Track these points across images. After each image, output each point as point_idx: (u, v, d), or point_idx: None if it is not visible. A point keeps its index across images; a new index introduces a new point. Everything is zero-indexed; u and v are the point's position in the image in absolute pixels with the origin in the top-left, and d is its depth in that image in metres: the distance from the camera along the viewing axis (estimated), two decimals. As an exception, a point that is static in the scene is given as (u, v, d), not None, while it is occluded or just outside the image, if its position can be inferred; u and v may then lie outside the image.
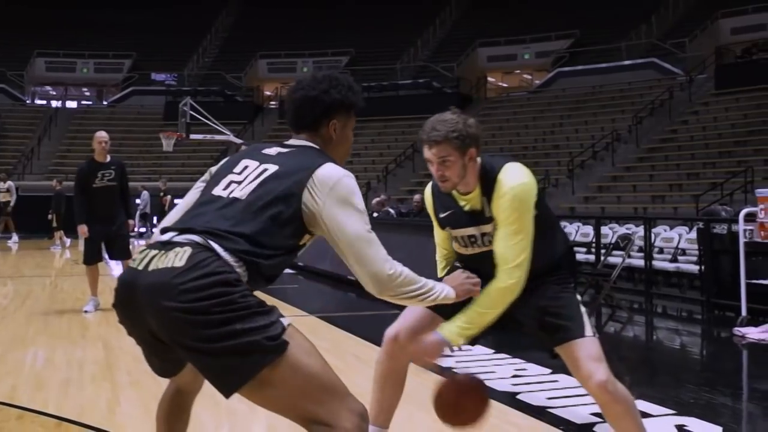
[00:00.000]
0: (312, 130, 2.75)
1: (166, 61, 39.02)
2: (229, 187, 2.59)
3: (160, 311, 2.31)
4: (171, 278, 2.31)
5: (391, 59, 36.22)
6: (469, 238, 3.33)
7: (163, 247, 2.42)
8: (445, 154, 3.15)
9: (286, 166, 2.59)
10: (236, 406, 4.88)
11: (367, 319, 8.77)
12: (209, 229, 2.44)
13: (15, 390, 5.17)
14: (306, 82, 2.77)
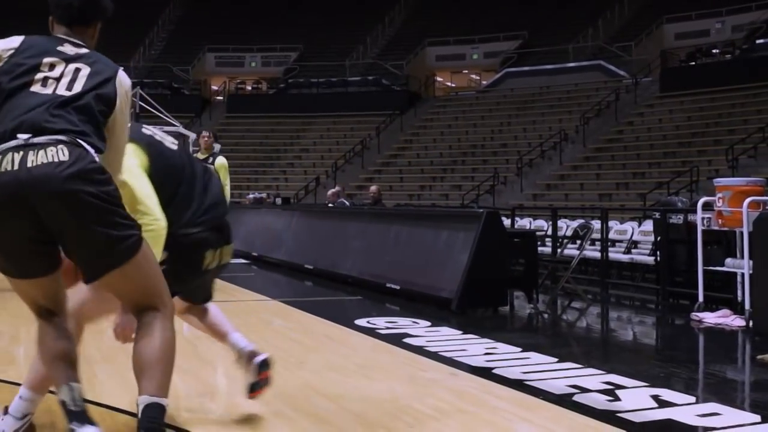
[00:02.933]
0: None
1: (112, 51, 38.30)
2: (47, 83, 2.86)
3: (69, 194, 2.65)
4: (66, 168, 2.65)
5: (340, 56, 36.23)
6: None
7: (24, 149, 2.67)
8: None
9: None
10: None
11: (327, 304, 8.83)
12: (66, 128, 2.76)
13: None
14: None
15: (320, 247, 11.40)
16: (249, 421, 3.90)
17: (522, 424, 3.97)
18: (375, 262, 9.73)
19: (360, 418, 3.96)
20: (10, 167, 2.65)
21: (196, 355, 5.42)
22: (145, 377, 2.86)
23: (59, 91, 2.84)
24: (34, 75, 2.87)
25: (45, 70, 2.88)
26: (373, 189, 14.07)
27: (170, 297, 3.03)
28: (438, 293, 8.12)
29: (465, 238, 8.10)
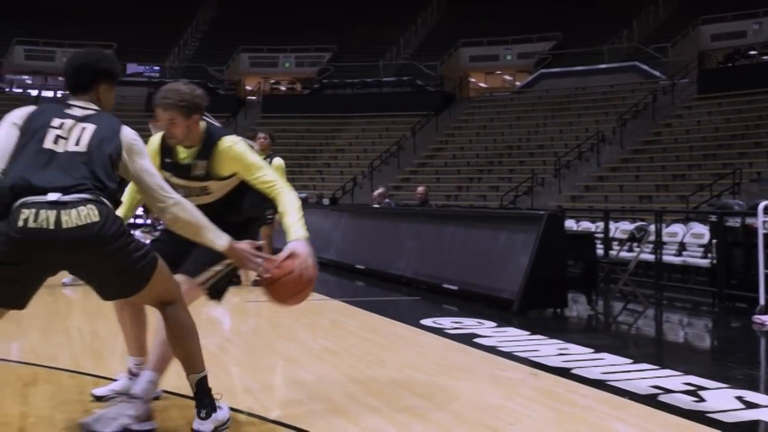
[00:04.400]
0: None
1: (147, 52, 38.81)
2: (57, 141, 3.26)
3: (97, 255, 3.15)
4: (98, 230, 3.11)
5: (373, 56, 36.31)
6: (176, 186, 3.86)
7: (56, 206, 3.08)
8: (173, 117, 3.85)
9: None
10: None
11: (387, 304, 8.92)
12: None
13: (77, 359, 5.25)
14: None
15: (372, 247, 11.51)
16: (346, 415, 4.01)
17: (616, 422, 4.05)
18: (430, 262, 9.82)
19: (457, 416, 4.06)
20: (46, 225, 3.07)
21: (276, 352, 5.55)
22: (187, 361, 3.53)
23: (70, 148, 3.24)
24: (46, 133, 3.26)
25: (57, 129, 3.28)
26: (421, 190, 14.16)
27: (179, 288, 3.60)
28: (498, 294, 8.20)
29: (525, 240, 8.17)
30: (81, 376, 4.75)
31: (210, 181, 4.00)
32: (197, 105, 3.90)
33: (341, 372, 5.04)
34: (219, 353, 5.43)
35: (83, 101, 3.46)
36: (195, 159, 3.98)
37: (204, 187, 4.02)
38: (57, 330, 6.34)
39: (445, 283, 9.16)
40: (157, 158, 4.01)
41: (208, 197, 4.05)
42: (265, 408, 4.15)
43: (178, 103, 3.85)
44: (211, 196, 4.05)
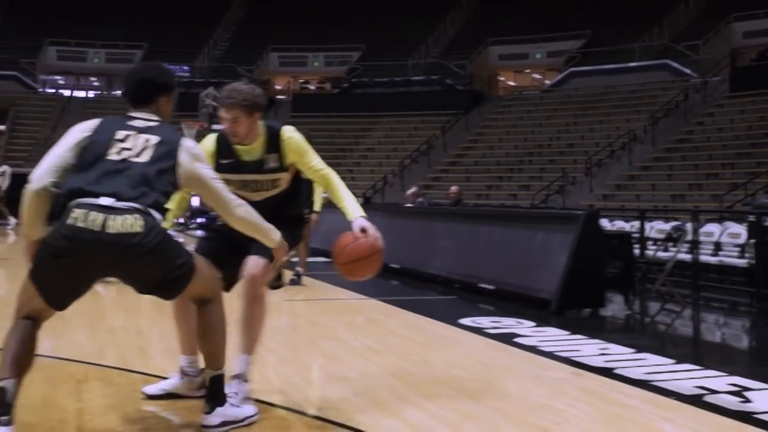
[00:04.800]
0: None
1: (176, 52, 39.09)
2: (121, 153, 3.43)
3: (138, 263, 3.32)
4: (138, 241, 3.26)
5: (402, 55, 36.31)
6: (241, 183, 4.19)
7: (106, 211, 3.25)
8: (237, 115, 4.04)
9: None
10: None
11: (424, 303, 8.95)
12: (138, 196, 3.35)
13: (125, 357, 5.33)
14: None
15: (406, 246, 11.53)
16: (395, 413, 4.05)
17: (664, 423, 4.07)
18: (465, 261, 9.84)
19: (505, 415, 4.09)
20: (92, 226, 3.25)
21: (318, 349, 5.60)
22: (212, 356, 3.66)
23: (131, 159, 3.41)
24: (110, 145, 3.43)
25: (121, 140, 3.46)
26: (454, 189, 14.17)
27: (218, 289, 3.76)
28: (536, 294, 8.22)
29: (563, 239, 8.18)
30: (129, 373, 4.84)
31: (282, 172, 4.22)
32: (258, 104, 4.09)
33: (385, 370, 5.09)
34: (263, 351, 5.48)
35: (144, 113, 3.62)
36: (266, 153, 4.17)
37: (275, 180, 4.23)
38: (101, 328, 6.44)
39: (481, 283, 9.18)
40: (213, 161, 4.15)
41: (276, 190, 4.26)
42: (313, 405, 4.21)
43: (241, 103, 4.03)
44: (278, 189, 4.26)
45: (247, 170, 4.20)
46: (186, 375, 4.22)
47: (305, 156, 4.20)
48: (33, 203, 3.42)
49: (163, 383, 4.31)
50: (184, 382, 4.23)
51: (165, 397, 4.21)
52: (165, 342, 5.90)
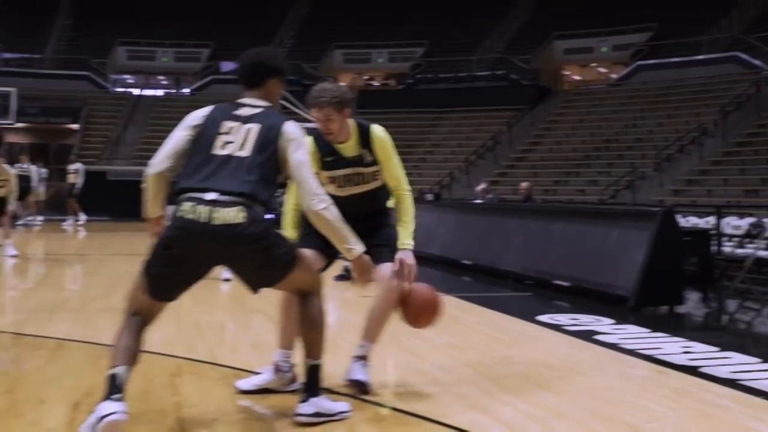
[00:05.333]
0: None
1: (242, 51, 39.38)
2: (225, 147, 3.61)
3: (240, 251, 3.51)
4: (242, 231, 3.45)
5: (466, 51, 36.21)
6: (346, 177, 4.42)
7: (212, 205, 3.45)
8: (328, 114, 4.22)
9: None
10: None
11: (500, 299, 8.96)
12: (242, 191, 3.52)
13: (213, 352, 5.47)
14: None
15: (478, 242, 11.57)
16: (484, 410, 4.10)
17: (756, 423, 4.05)
18: (539, 258, 9.83)
19: (593, 413, 4.11)
20: (198, 218, 3.46)
21: (402, 346, 5.67)
22: (310, 346, 3.80)
23: (234, 153, 3.60)
24: (215, 139, 3.63)
25: (225, 133, 3.64)
26: (525, 185, 14.15)
27: (320, 283, 3.91)
28: (612, 291, 8.18)
29: (639, 236, 8.13)
30: (219, 367, 4.95)
31: (377, 165, 4.42)
32: (347, 99, 4.29)
33: (470, 367, 5.14)
34: (348, 348, 5.57)
35: (253, 98, 3.82)
36: (361, 149, 4.38)
37: (375, 172, 4.43)
38: (189, 323, 6.59)
39: (556, 279, 9.16)
40: (317, 159, 4.36)
41: (376, 182, 4.47)
42: (403, 401, 4.27)
43: (331, 100, 4.22)
44: (378, 181, 4.47)
45: (350, 165, 4.40)
46: (279, 370, 4.33)
47: (390, 161, 4.39)
48: (152, 184, 3.76)
49: (255, 378, 4.41)
50: (277, 377, 4.34)
51: (257, 392, 4.32)
52: (250, 337, 6.07)
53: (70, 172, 21.74)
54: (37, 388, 4.37)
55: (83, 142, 31.95)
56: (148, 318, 3.74)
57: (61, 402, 4.08)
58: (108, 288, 8.77)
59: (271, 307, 7.31)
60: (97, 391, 4.23)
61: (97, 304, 7.63)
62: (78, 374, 4.73)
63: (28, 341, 5.67)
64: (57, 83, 34.57)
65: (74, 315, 6.91)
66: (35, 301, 7.71)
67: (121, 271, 10.64)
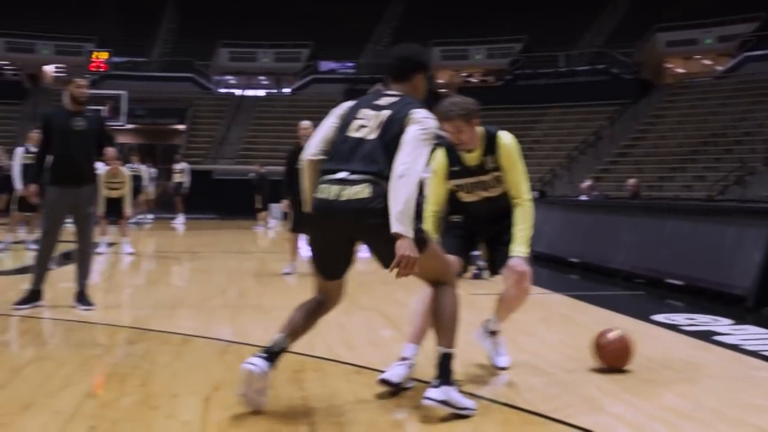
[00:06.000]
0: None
1: (341, 50, 39.95)
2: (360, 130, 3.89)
3: (364, 225, 3.77)
4: (365, 205, 3.72)
5: (565, 45, 35.77)
6: (472, 185, 4.67)
7: (342, 183, 3.77)
8: (459, 126, 4.45)
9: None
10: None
11: (611, 298, 8.83)
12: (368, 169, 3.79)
13: (332, 349, 5.57)
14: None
15: (586, 240, 11.44)
16: (608, 411, 4.08)
17: None
18: (650, 256, 9.67)
19: (719, 415, 4.04)
20: (329, 196, 3.80)
21: (518, 345, 5.67)
22: (440, 333, 3.92)
23: (367, 136, 3.86)
24: (353, 124, 3.93)
25: (361, 119, 3.92)
26: (632, 182, 13.93)
27: (453, 274, 4.13)
28: (729, 290, 7.99)
29: (758, 234, 7.91)
30: (340, 364, 5.05)
31: (499, 172, 4.62)
32: (473, 110, 4.53)
33: (587, 367, 5.10)
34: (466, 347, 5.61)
35: (396, 89, 4.07)
36: (484, 156, 4.62)
37: (497, 177, 4.64)
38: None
39: (668, 278, 9.00)
40: (446, 170, 4.72)
41: (500, 188, 4.68)
42: (525, 400, 4.29)
43: (460, 113, 4.48)
44: (502, 187, 4.67)
45: (474, 173, 4.65)
46: (409, 365, 4.42)
47: (513, 169, 4.59)
48: (308, 171, 4.10)
49: (397, 369, 4.41)
50: (408, 370, 4.42)
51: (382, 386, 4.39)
52: (366, 334, 6.15)
53: (176, 172, 22.42)
54: (169, 382, 4.55)
55: (189, 142, 32.83)
56: (325, 297, 4.14)
57: (193, 396, 4.24)
58: (223, 285, 9.01)
59: (385, 305, 7.46)
60: (225, 385, 4.42)
61: (215, 301, 7.86)
62: (205, 369, 4.90)
63: (154, 336, 5.89)
64: (163, 85, 35.63)
65: (194, 311, 7.14)
66: (155, 298, 7.99)
67: (233, 267, 10.93)
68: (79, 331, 6.13)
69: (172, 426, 3.76)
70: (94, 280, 8.22)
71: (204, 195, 24.83)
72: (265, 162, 21.79)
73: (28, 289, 7.07)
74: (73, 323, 6.39)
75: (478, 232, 4.86)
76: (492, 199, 4.71)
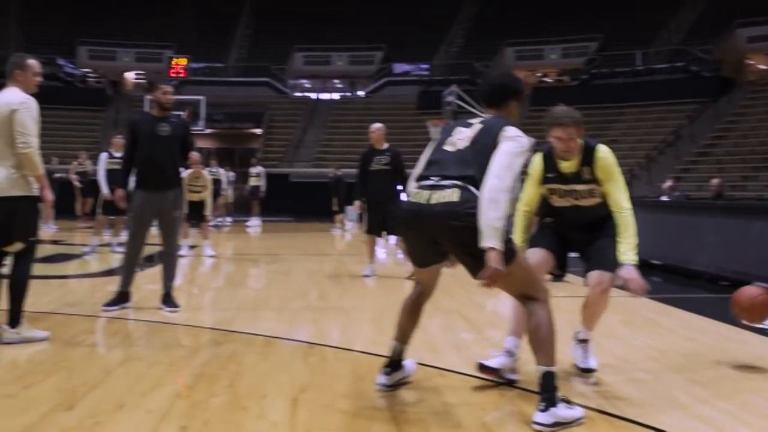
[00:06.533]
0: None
1: (414, 52, 40.00)
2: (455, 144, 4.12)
3: (450, 228, 3.89)
4: (452, 209, 3.86)
5: (642, 43, 35.15)
6: (565, 191, 4.81)
7: (432, 188, 3.97)
8: (571, 133, 4.59)
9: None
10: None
11: (696, 301, 8.67)
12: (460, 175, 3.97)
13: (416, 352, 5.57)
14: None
15: (668, 241, 11.23)
16: (700, 418, 4.00)
17: None
18: (737, 258, 9.44)
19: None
20: (421, 200, 4.01)
21: (603, 349, 5.60)
22: (539, 352, 3.90)
23: (458, 147, 4.08)
24: (449, 140, 4.16)
25: (454, 135, 4.16)
26: (715, 182, 13.64)
27: (544, 290, 4.08)
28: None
29: None
30: (425, 367, 5.03)
31: (594, 184, 4.72)
32: (580, 120, 4.70)
33: (677, 372, 5.02)
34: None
35: (492, 113, 4.28)
36: (581, 166, 4.72)
37: (591, 190, 4.75)
38: (385, 323, 6.75)
39: (757, 280, 8.75)
40: (541, 174, 4.86)
41: (593, 200, 4.78)
42: (614, 405, 4.23)
43: (574, 121, 4.64)
44: (595, 199, 4.77)
45: (568, 181, 4.78)
46: (511, 355, 4.69)
47: (611, 181, 4.68)
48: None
49: (498, 359, 4.65)
50: (510, 362, 4.67)
51: (466, 388, 4.39)
52: (449, 338, 6.13)
53: (252, 175, 22.73)
54: (257, 383, 4.62)
55: (266, 146, 33.25)
56: (423, 286, 4.46)
57: (281, 397, 4.29)
58: (303, 287, 9.10)
59: (465, 307, 7.44)
60: (311, 387, 4.47)
61: (296, 303, 7.94)
62: (290, 370, 4.95)
63: (238, 338, 5.98)
64: (240, 90, 36.17)
65: (276, 313, 7.22)
66: (238, 300, 8.11)
67: (313, 270, 11.03)
68: (165, 332, 6.26)
69: (262, 426, 3.82)
70: (178, 283, 8.39)
71: (281, 198, 25.11)
72: (341, 164, 21.93)
73: (116, 291, 7.25)
74: (160, 324, 6.54)
75: (569, 237, 4.97)
76: (580, 209, 4.83)
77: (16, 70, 5.72)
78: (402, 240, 4.42)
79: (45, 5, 38.93)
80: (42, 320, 6.36)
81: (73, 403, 4.10)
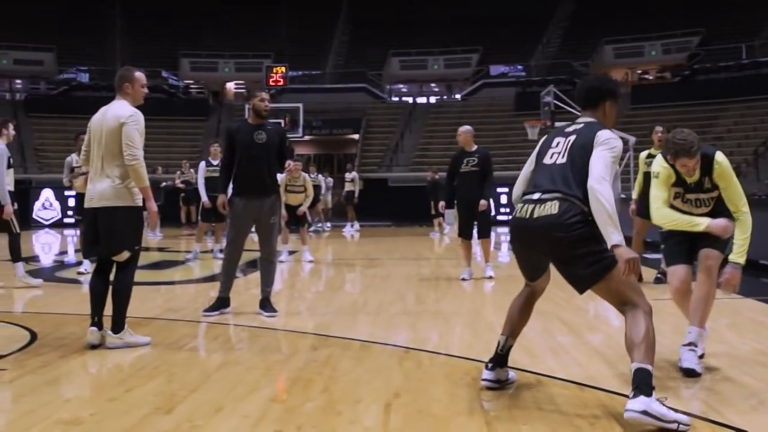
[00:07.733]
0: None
1: (511, 53, 39.69)
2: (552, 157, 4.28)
3: (552, 239, 4.07)
4: (553, 220, 4.03)
5: (746, 35, 34.01)
6: (689, 199, 5.03)
7: (535, 203, 4.14)
8: (697, 159, 4.83)
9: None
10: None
11: None
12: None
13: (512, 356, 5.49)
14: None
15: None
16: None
17: None
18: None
19: None
20: (525, 215, 4.19)
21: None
22: (633, 351, 3.89)
23: (556, 161, 4.23)
24: (548, 152, 4.32)
25: (553, 147, 4.31)
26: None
27: (644, 298, 4.07)
28: None
29: None
30: (521, 372, 4.94)
31: (715, 191, 4.95)
32: (699, 141, 4.86)
33: (786, 377, 4.81)
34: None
35: (586, 116, 4.39)
36: (702, 176, 4.93)
37: (712, 198, 4.99)
38: (482, 327, 6.71)
39: None
40: (669, 179, 5.03)
41: (705, 209, 5.00)
42: (718, 412, 4.08)
43: (698, 149, 4.80)
44: (709, 209, 5.00)
45: (691, 191, 5.01)
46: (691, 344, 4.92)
47: (729, 186, 4.87)
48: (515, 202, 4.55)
49: (688, 355, 4.92)
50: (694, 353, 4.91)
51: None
52: (547, 341, 6.02)
53: (347, 181, 22.89)
54: (351, 387, 4.62)
55: (364, 151, 33.47)
56: (534, 287, 4.57)
57: (375, 402, 4.29)
58: (401, 292, 9.10)
59: (564, 311, 7.30)
60: (405, 392, 4.45)
61: (393, 307, 7.94)
62: (385, 375, 4.94)
63: (335, 342, 6.01)
64: (337, 96, 36.53)
65: (373, 317, 7.24)
66: (336, 305, 8.16)
67: (411, 274, 11.03)
68: (263, 337, 6.35)
69: (355, 431, 3.82)
70: (277, 288, 8.50)
71: (379, 203, 25.22)
72: (439, 168, 21.86)
73: (216, 296, 7.39)
74: (258, 329, 6.63)
75: (694, 244, 5.09)
76: (702, 213, 4.99)
77: (125, 83, 5.90)
78: (514, 252, 4.52)
79: (149, 21, 40.18)
80: (145, 325, 6.53)
81: (172, 407, 4.19)
